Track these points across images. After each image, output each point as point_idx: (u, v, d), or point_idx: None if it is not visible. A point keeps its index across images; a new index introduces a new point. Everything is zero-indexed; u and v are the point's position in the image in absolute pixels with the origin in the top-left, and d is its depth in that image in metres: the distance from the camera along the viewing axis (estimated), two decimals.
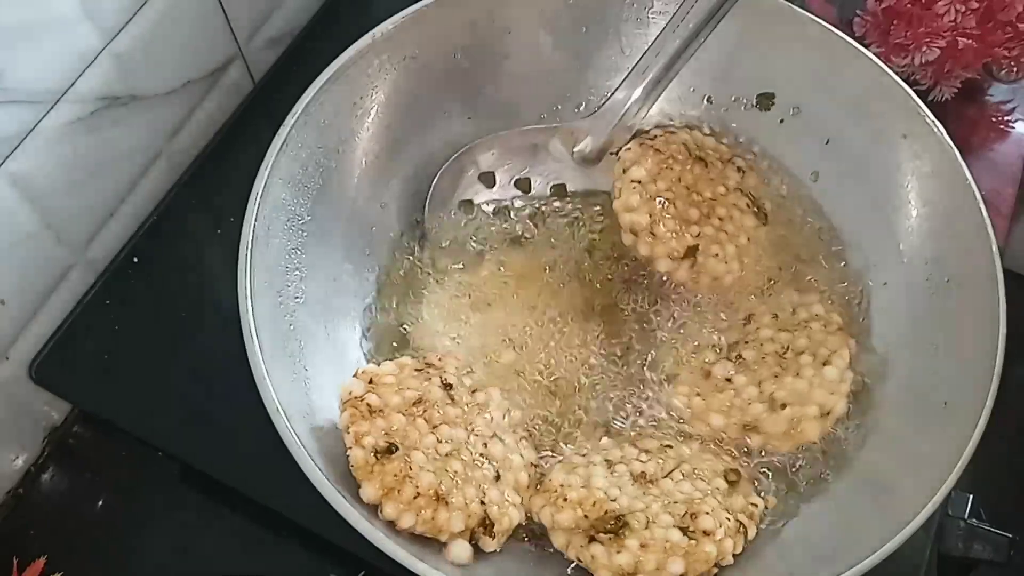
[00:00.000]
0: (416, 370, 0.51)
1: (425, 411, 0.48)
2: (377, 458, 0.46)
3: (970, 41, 0.66)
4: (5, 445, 0.60)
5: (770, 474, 0.53)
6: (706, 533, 0.47)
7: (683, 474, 0.51)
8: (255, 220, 0.50)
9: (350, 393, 0.48)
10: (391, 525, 0.45)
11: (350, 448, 0.46)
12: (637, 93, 0.58)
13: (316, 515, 0.44)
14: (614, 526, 0.47)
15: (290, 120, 0.53)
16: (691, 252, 0.56)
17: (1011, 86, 0.74)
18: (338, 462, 0.47)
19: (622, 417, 0.55)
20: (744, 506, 0.50)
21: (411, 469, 0.46)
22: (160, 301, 0.61)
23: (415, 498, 0.45)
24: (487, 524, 0.47)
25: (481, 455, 0.49)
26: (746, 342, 0.57)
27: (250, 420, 0.45)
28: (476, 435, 0.49)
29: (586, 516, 0.47)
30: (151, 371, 0.59)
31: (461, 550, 0.46)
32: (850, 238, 0.60)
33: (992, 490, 0.57)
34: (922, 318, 0.54)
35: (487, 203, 0.61)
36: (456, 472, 0.47)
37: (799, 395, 0.53)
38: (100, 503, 0.59)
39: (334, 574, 0.55)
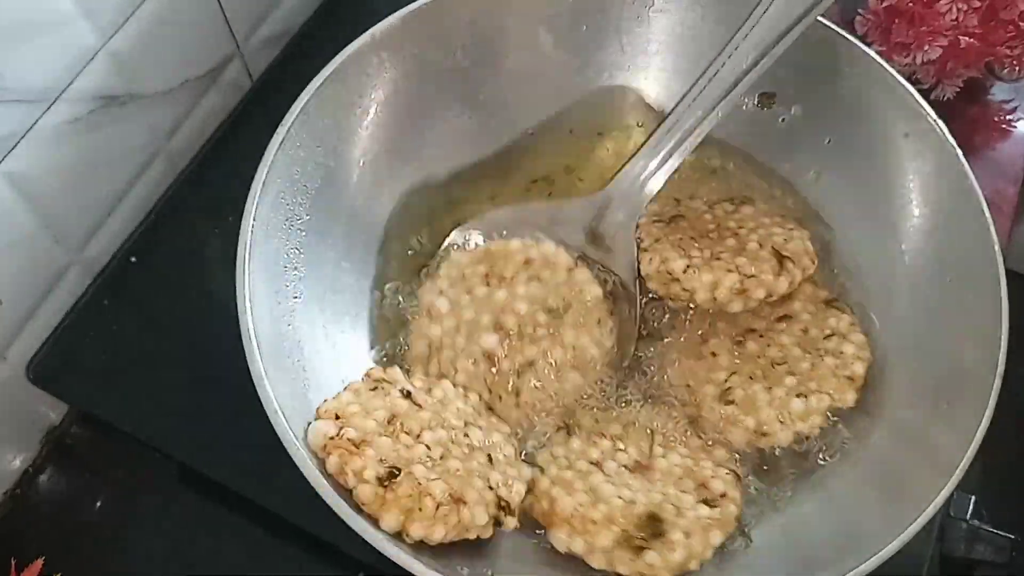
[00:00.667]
0: (371, 389, 0.50)
1: (402, 425, 0.48)
2: (384, 486, 0.45)
3: (972, 40, 0.66)
4: (3, 446, 0.59)
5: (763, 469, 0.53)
6: (723, 495, 0.49)
7: (663, 447, 0.52)
8: (253, 219, 0.50)
9: (326, 436, 0.46)
10: (421, 544, 0.44)
11: (355, 487, 0.44)
12: (652, 165, 0.57)
13: (315, 516, 0.44)
14: (651, 528, 0.47)
15: (289, 119, 0.52)
16: (779, 259, 0.55)
17: (1013, 85, 0.74)
18: None
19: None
20: (726, 456, 0.52)
21: (420, 484, 0.45)
22: (158, 301, 0.61)
23: (437, 509, 0.45)
24: (503, 505, 0.47)
25: (468, 446, 0.49)
26: (761, 335, 0.56)
27: (249, 420, 0.45)
28: (454, 429, 0.49)
29: (624, 530, 0.47)
30: (149, 371, 0.59)
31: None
32: (851, 238, 0.59)
33: (994, 491, 0.57)
34: (924, 318, 0.54)
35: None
36: (457, 470, 0.47)
37: (750, 404, 0.53)
38: (98, 503, 0.59)
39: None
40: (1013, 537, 0.55)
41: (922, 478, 0.46)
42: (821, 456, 0.53)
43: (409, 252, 0.60)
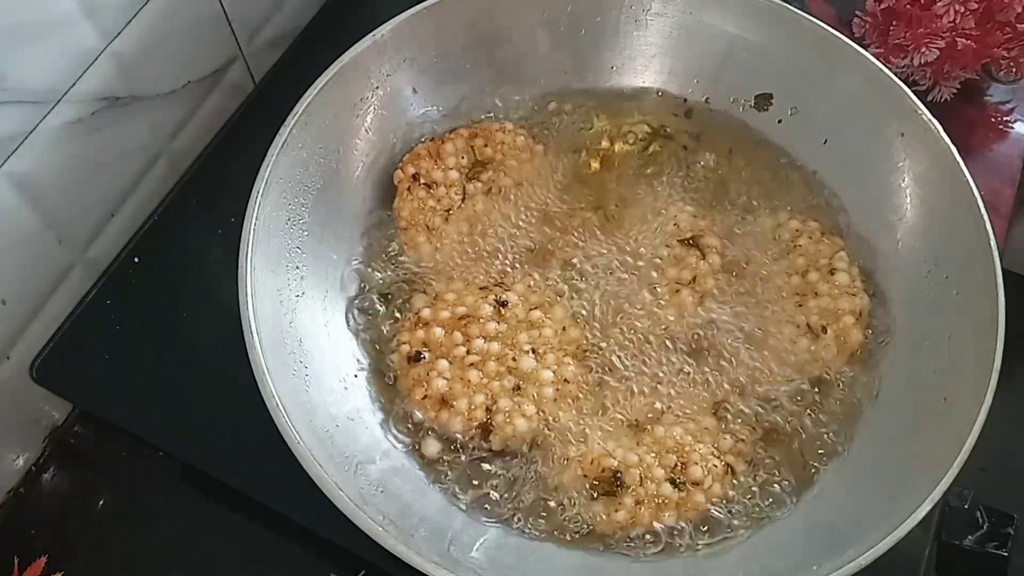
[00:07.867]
0: (481, 288, 0.56)
1: (467, 326, 0.54)
2: (408, 362, 0.53)
3: (969, 42, 0.66)
4: (6, 445, 0.60)
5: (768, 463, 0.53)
6: (695, 483, 0.50)
7: (675, 416, 0.53)
8: (256, 219, 0.50)
9: (416, 307, 0.56)
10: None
11: (393, 351, 0.54)
12: None
13: (316, 515, 0.44)
14: (610, 483, 0.50)
15: (291, 120, 0.53)
16: None
17: (1010, 86, 0.74)
18: (338, 458, 0.47)
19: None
20: (732, 445, 0.52)
21: (428, 375, 0.52)
22: (160, 301, 0.61)
23: (423, 399, 0.52)
24: (488, 429, 0.52)
25: (506, 368, 0.53)
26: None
27: (250, 420, 0.46)
28: (512, 349, 0.54)
29: (585, 475, 0.51)
30: (152, 371, 0.59)
31: (430, 446, 0.52)
32: (848, 237, 0.60)
33: (992, 484, 0.57)
34: (921, 316, 0.55)
35: None
36: (470, 382, 0.52)
37: (830, 312, 0.55)
38: (100, 503, 0.59)
39: (334, 574, 0.55)
40: (1010, 531, 0.55)
41: (921, 470, 0.47)
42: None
43: None
